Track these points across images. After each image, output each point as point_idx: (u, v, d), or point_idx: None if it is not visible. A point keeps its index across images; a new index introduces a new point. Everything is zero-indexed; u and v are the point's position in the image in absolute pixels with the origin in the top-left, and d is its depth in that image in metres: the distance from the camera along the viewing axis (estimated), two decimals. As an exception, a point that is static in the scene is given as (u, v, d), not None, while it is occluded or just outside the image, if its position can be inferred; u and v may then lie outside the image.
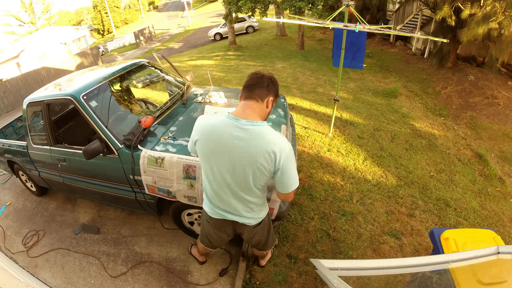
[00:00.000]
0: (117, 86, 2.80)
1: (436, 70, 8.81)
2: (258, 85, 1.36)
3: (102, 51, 27.67)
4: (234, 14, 12.20)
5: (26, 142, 3.03)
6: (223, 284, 2.25)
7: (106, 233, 2.99)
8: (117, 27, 44.77)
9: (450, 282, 1.23)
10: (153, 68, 3.24)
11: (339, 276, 1.00)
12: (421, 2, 9.60)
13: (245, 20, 18.61)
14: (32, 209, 3.61)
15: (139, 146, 2.12)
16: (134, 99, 2.98)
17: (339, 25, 3.24)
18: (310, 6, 10.16)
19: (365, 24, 3.12)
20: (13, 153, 3.33)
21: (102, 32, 44.55)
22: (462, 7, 6.61)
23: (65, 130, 3.37)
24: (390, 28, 4.31)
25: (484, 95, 7.21)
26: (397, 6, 12.71)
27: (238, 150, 1.30)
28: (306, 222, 2.75)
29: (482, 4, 6.26)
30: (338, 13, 4.15)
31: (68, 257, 2.78)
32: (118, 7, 46.30)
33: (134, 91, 3.08)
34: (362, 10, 12.43)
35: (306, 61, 10.06)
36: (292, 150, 1.36)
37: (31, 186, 3.71)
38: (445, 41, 3.49)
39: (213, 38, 19.98)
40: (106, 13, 42.70)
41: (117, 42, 31.73)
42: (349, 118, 5.02)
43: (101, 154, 2.16)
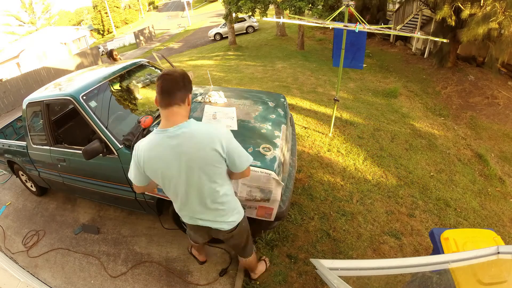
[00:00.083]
0: (117, 86, 2.80)
1: (436, 70, 8.80)
2: (177, 88, 1.27)
3: (102, 51, 27.66)
4: (234, 14, 12.20)
5: (26, 142, 3.04)
6: (223, 284, 2.24)
7: (106, 233, 2.99)
8: (117, 27, 44.79)
9: (450, 282, 1.23)
10: (153, 68, 3.24)
11: (339, 276, 0.99)
12: (421, 2, 9.59)
13: (245, 20, 18.61)
14: (32, 209, 3.61)
15: (139, 146, 2.11)
16: (134, 99, 2.98)
17: (339, 25, 3.24)
18: (310, 6, 10.16)
19: (365, 24, 3.12)
20: (13, 153, 3.33)
21: (102, 32, 44.56)
22: (462, 7, 6.61)
23: (64, 130, 3.37)
24: (390, 28, 4.31)
25: (484, 95, 7.21)
26: (397, 6, 12.71)
27: (182, 158, 1.28)
28: (306, 222, 2.75)
29: (482, 4, 6.25)
30: (338, 13, 4.15)
31: (68, 257, 2.78)
32: (118, 7, 46.33)
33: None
34: (362, 10, 12.43)
35: (306, 61, 10.06)
36: (228, 130, 1.37)
37: (31, 186, 3.71)
38: (445, 41, 3.49)
39: (213, 38, 19.98)
40: (106, 13, 42.71)
41: (117, 42, 31.74)
42: (349, 118, 5.01)
43: (100, 154, 2.16)
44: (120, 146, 2.18)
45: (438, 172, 3.94)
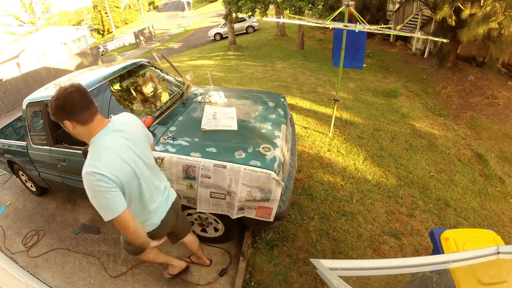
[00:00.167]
0: (117, 86, 2.80)
1: (436, 70, 8.81)
2: (89, 101, 1.32)
3: (102, 51, 27.68)
4: (234, 14, 12.20)
5: (26, 142, 3.03)
6: (223, 284, 2.24)
7: (106, 233, 2.99)
8: (117, 27, 44.79)
9: (450, 282, 1.23)
10: (153, 68, 3.24)
11: (339, 276, 0.99)
12: (421, 2, 9.60)
13: (245, 20, 18.61)
14: (32, 209, 3.60)
15: (139, 146, 2.11)
16: (134, 99, 2.97)
17: (339, 25, 3.24)
18: (310, 6, 10.16)
19: (365, 24, 3.12)
20: (13, 153, 3.33)
21: (102, 32, 44.56)
22: (462, 7, 6.61)
23: (64, 130, 3.36)
24: (390, 28, 4.31)
25: (484, 95, 7.21)
26: (397, 6, 12.72)
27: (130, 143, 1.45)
28: (306, 222, 2.75)
29: (482, 4, 6.26)
30: (338, 13, 4.15)
31: (68, 257, 2.78)
32: (118, 7, 46.32)
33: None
34: (362, 10, 12.43)
35: (306, 61, 10.06)
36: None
37: (31, 186, 3.71)
38: (445, 41, 3.49)
39: (213, 38, 19.98)
40: (106, 13, 42.72)
41: (117, 42, 31.75)
42: (349, 118, 5.01)
43: (100, 154, 2.16)
44: (120, 146, 2.17)
45: (438, 172, 3.94)
